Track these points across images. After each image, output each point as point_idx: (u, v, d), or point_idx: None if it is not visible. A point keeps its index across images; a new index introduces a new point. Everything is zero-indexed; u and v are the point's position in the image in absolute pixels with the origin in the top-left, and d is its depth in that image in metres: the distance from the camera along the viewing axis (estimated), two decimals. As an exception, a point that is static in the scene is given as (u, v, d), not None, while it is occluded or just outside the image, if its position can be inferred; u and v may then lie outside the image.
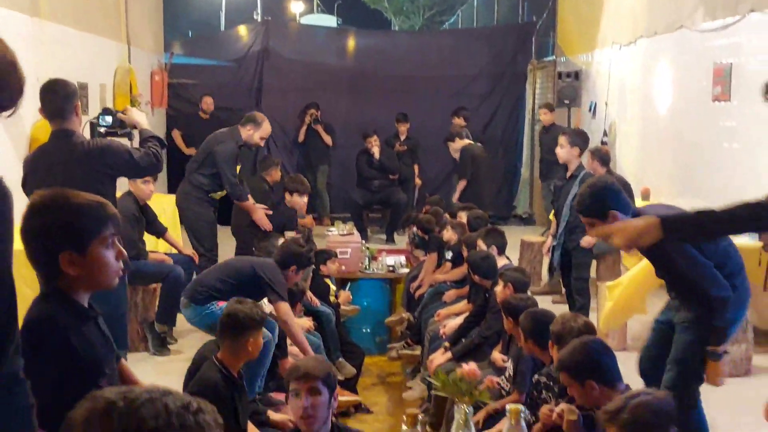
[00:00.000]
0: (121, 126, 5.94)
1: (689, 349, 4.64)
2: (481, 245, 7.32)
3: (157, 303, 7.42)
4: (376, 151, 12.30)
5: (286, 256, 6.46)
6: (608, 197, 4.55)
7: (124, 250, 2.76)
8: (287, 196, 9.20)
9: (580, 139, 8.25)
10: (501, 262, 7.11)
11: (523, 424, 2.49)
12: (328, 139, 13.43)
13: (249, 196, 8.50)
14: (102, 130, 5.88)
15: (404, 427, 2.52)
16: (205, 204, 8.28)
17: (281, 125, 13.66)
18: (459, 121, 12.82)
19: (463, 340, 6.68)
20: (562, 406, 4.13)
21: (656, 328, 5.07)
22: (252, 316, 4.80)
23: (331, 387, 3.61)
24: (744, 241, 7.26)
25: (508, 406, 2.50)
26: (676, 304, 4.84)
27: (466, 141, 11.66)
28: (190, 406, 1.47)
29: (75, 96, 5.45)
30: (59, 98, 5.37)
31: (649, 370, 5.07)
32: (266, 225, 8.51)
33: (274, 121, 9.07)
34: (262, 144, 8.60)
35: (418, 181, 13.32)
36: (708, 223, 3.36)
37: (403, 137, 13.12)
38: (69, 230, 2.63)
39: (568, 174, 8.17)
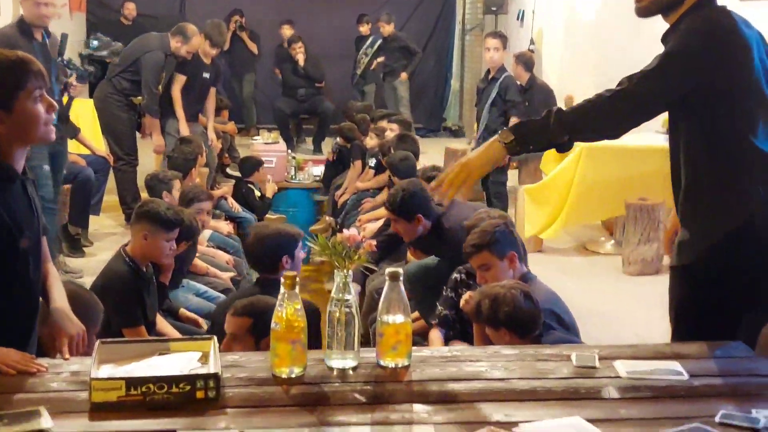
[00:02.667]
0: None
1: None
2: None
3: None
4: (300, 59, 12.07)
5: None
6: (417, 202, 5.07)
7: (54, 103, 2.70)
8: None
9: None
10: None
11: (401, 287, 2.49)
12: (253, 47, 13.17)
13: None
14: None
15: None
16: (125, 108, 8.13)
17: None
18: (365, 29, 12.81)
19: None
20: (470, 293, 4.22)
21: None
22: (168, 215, 4.72)
23: None
24: (658, 142, 7.34)
25: (387, 270, 2.49)
26: None
27: None
28: None
29: None
30: None
31: None
32: (159, 150, 8.37)
33: (198, 27, 8.88)
34: (189, 57, 8.41)
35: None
36: (555, 125, 2.83)
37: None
38: None
39: (490, 76, 8.21)
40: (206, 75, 8.71)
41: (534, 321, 3.45)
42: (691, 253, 2.91)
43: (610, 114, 2.83)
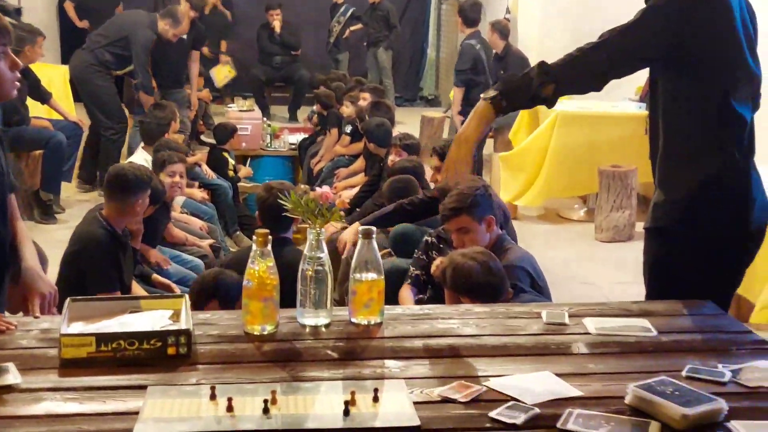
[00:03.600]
0: None
1: None
2: None
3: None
4: (277, 25, 11.98)
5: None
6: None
7: (18, 61, 2.66)
8: None
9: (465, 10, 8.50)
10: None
11: (374, 244, 2.50)
12: (227, 14, 13.03)
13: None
14: None
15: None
16: (108, 78, 8.14)
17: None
18: None
19: (358, 209, 6.70)
20: (440, 258, 4.23)
21: None
22: (141, 177, 4.73)
23: None
24: (631, 109, 7.38)
25: (360, 228, 2.49)
26: None
27: None
28: None
29: None
30: None
31: None
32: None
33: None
34: (174, 41, 8.35)
35: None
36: (538, 76, 2.76)
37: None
38: None
39: None
40: (183, 37, 8.66)
41: (494, 291, 3.44)
42: (663, 214, 2.93)
43: (591, 65, 2.82)
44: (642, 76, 7.61)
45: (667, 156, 2.93)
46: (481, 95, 2.87)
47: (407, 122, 10.85)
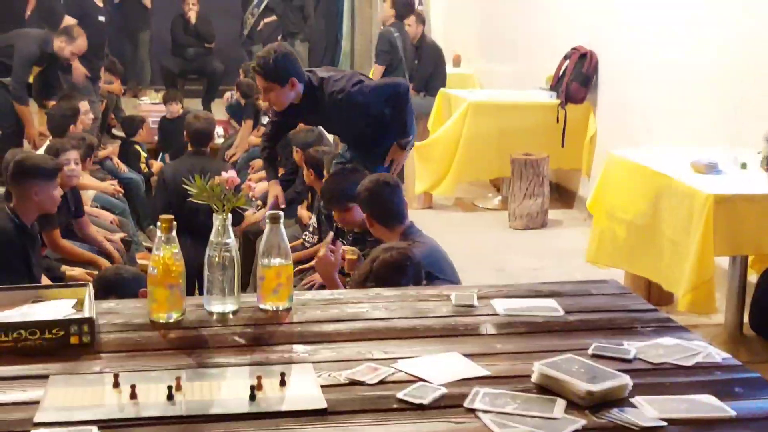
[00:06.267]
0: None
1: None
2: None
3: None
4: (192, 15, 11.81)
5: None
6: (289, 64, 4.79)
7: None
8: None
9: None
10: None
11: (282, 229, 2.48)
12: (147, 1, 12.72)
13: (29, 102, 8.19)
14: None
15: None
16: None
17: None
18: None
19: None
20: (344, 247, 4.25)
21: None
22: (39, 164, 4.64)
23: None
24: (542, 98, 7.48)
25: (267, 213, 2.47)
26: None
27: None
28: None
29: None
30: None
31: None
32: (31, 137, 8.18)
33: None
34: (73, 60, 8.20)
35: None
36: None
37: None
38: None
39: None
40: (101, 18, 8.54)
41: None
42: None
43: None
44: (551, 64, 7.75)
45: None
46: None
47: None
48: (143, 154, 8.71)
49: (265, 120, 8.48)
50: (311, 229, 5.59)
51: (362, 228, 4.45)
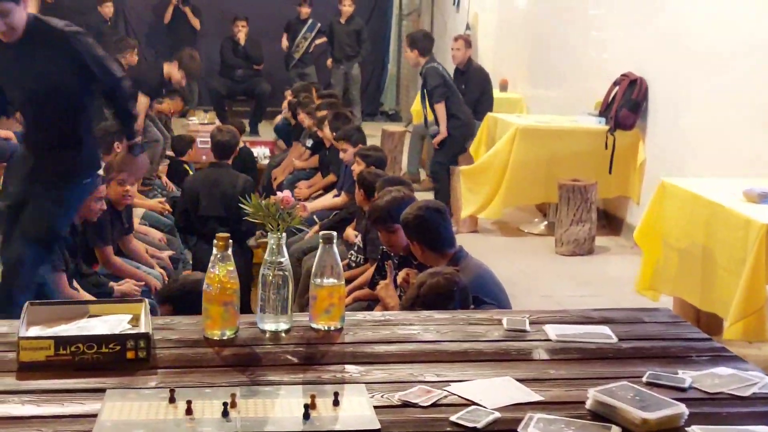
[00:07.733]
0: None
1: None
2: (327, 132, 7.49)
3: None
4: (241, 37, 11.94)
5: None
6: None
7: None
8: None
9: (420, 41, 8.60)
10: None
11: (335, 249, 2.49)
12: (196, 23, 12.81)
13: None
14: None
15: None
16: None
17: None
18: (305, 11, 12.61)
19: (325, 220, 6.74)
20: (406, 270, 4.25)
21: None
22: None
23: None
24: (591, 123, 7.45)
25: (321, 233, 2.48)
26: None
27: None
28: None
29: None
30: None
31: None
32: None
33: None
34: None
35: None
36: None
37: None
38: None
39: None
40: None
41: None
42: None
43: None
44: (600, 90, 7.71)
45: None
46: None
47: (368, 136, 10.84)
48: (191, 173, 8.79)
49: (309, 142, 8.55)
50: (356, 248, 5.61)
51: (407, 252, 4.44)
